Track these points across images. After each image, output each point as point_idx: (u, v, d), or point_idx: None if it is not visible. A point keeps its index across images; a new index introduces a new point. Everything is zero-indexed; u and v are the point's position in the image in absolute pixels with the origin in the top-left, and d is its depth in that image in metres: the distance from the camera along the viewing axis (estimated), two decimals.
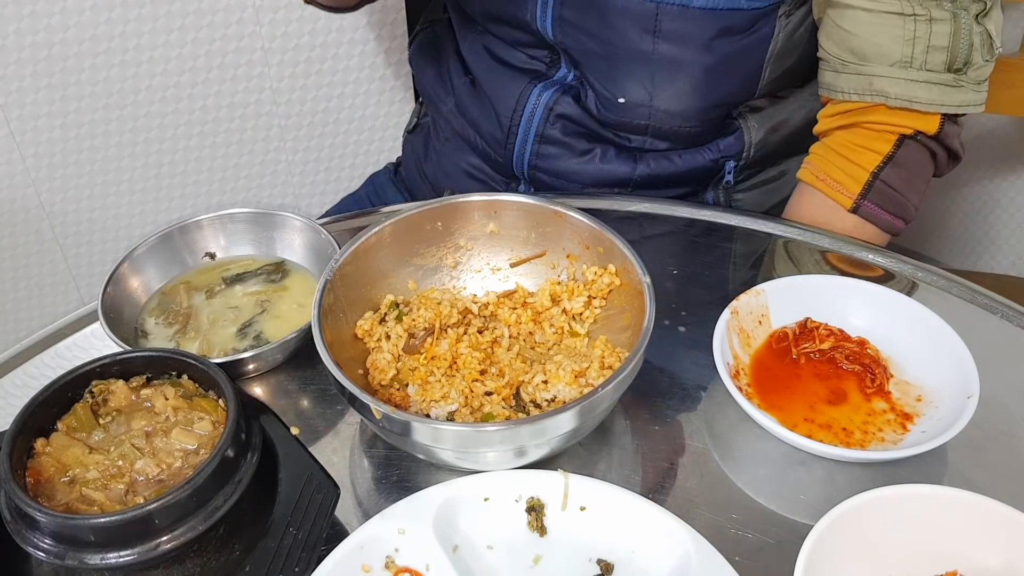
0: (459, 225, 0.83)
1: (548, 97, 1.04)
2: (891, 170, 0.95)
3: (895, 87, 0.92)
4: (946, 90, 0.91)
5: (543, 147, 1.06)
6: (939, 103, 0.92)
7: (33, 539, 0.61)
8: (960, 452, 0.73)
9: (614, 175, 1.05)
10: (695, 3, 0.92)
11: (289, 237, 0.91)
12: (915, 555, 0.63)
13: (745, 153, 1.05)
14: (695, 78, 0.97)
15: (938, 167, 0.98)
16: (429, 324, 0.79)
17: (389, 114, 1.56)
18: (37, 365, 0.84)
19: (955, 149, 0.97)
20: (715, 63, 0.96)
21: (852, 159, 0.96)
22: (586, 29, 0.97)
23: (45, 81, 1.32)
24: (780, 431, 0.71)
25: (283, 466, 0.68)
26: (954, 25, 0.89)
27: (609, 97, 1.00)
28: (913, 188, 0.96)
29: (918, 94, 0.91)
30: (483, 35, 1.09)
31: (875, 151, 0.95)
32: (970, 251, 1.73)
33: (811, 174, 0.99)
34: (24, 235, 1.45)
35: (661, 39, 0.94)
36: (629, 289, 0.77)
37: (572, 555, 0.66)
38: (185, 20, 1.35)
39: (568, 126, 1.05)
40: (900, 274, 0.91)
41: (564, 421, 0.65)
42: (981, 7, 0.90)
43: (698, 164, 1.05)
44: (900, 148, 0.94)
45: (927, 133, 0.94)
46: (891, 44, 0.91)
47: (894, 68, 0.91)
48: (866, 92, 0.93)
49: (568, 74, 1.04)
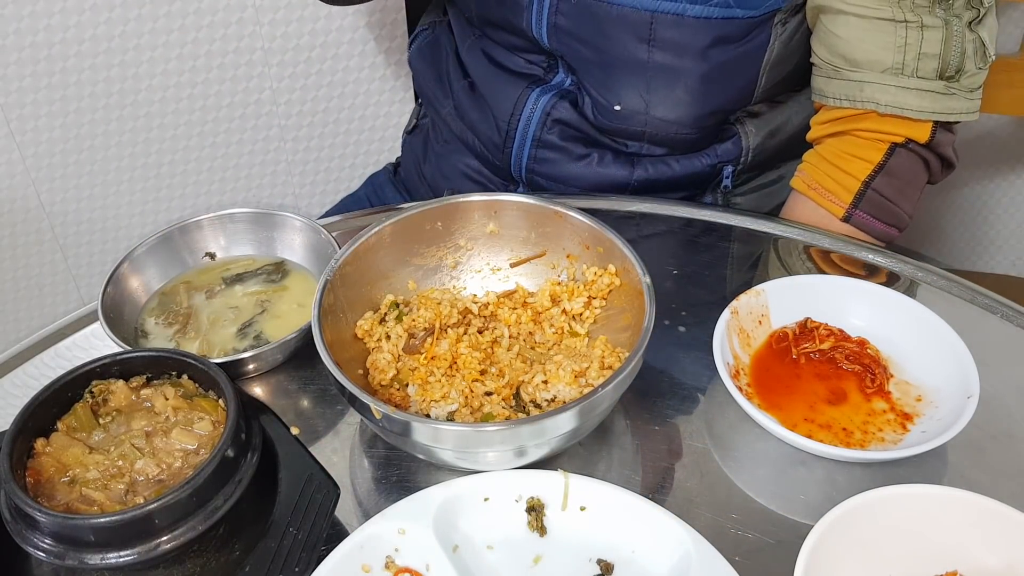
0: (459, 225, 0.83)
1: (545, 102, 1.04)
2: (883, 179, 0.94)
3: (885, 94, 0.91)
4: (937, 97, 0.91)
5: (540, 151, 1.06)
6: (930, 111, 0.91)
7: (33, 539, 0.61)
8: (960, 452, 0.73)
9: (612, 179, 1.05)
10: (690, 12, 0.91)
11: (289, 237, 0.91)
12: (915, 555, 0.63)
13: (743, 158, 1.05)
14: (691, 86, 0.97)
15: (931, 175, 0.98)
16: (429, 324, 0.79)
17: (389, 114, 1.56)
18: (37, 365, 0.84)
19: (948, 157, 0.96)
20: (711, 71, 0.96)
21: (843, 168, 0.95)
22: (581, 37, 0.97)
23: (45, 81, 1.32)
24: (780, 431, 0.71)
25: (283, 466, 0.68)
26: (946, 32, 0.89)
27: (605, 104, 1.00)
28: (906, 196, 0.96)
29: (909, 101, 0.91)
30: (481, 39, 1.09)
31: (866, 160, 0.94)
32: (970, 251, 1.73)
33: (803, 183, 0.99)
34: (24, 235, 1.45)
35: (656, 48, 0.94)
36: (629, 289, 0.77)
37: (572, 555, 0.66)
38: (185, 20, 1.35)
39: (565, 131, 1.04)
40: (900, 274, 0.91)
41: (564, 421, 0.65)
42: (974, 14, 0.90)
43: (696, 169, 1.05)
44: (891, 157, 0.94)
45: (918, 141, 0.93)
46: (882, 51, 0.90)
47: (885, 75, 0.91)
48: (856, 99, 0.93)
49: (566, 79, 1.04)
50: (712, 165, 1.05)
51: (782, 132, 1.07)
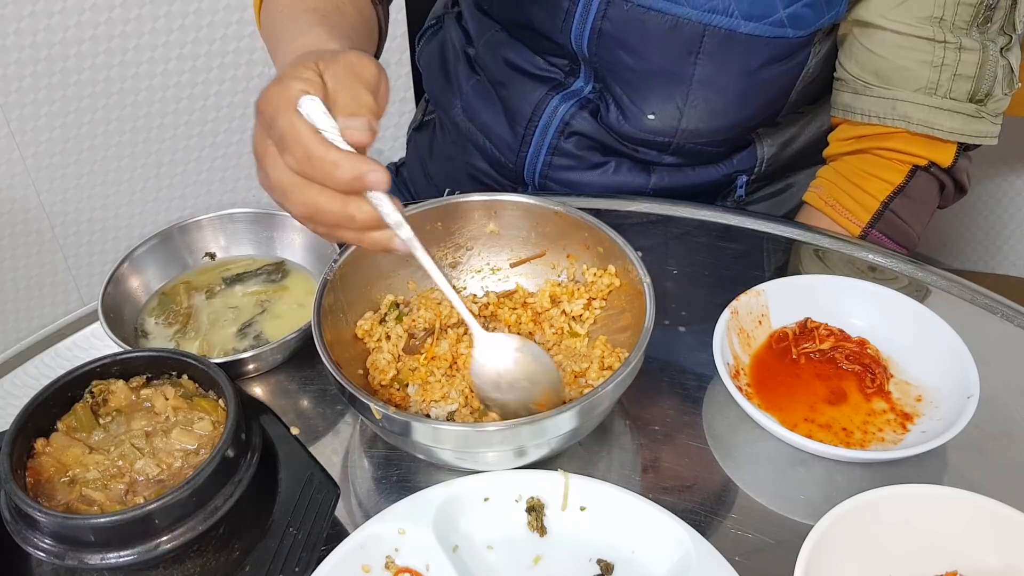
0: (459, 225, 0.83)
1: (565, 111, 1.02)
2: (901, 201, 0.95)
3: (918, 112, 0.91)
4: (967, 120, 0.91)
5: (556, 159, 1.05)
6: (959, 132, 0.92)
7: (33, 539, 0.61)
8: (960, 452, 0.73)
9: (628, 187, 1.04)
10: (742, 28, 0.90)
11: (289, 237, 0.91)
12: (915, 555, 0.63)
13: (757, 168, 1.05)
14: (728, 100, 0.96)
15: (944, 199, 0.98)
16: (429, 324, 0.79)
17: (389, 114, 1.55)
18: (37, 365, 0.84)
19: (963, 182, 0.97)
20: (752, 87, 0.95)
21: (863, 187, 0.96)
22: (626, 44, 0.95)
23: (45, 81, 1.32)
24: (780, 431, 0.71)
25: (283, 466, 0.68)
26: (982, 55, 0.89)
27: (636, 112, 0.99)
28: (919, 219, 0.97)
29: (940, 121, 0.91)
30: (500, 36, 1.06)
31: (886, 180, 0.95)
32: (970, 251, 1.73)
33: (819, 199, 0.99)
34: (24, 235, 1.45)
35: (702, 60, 0.93)
36: (629, 289, 0.77)
37: (572, 555, 0.66)
38: (185, 20, 1.35)
39: (583, 141, 1.03)
40: (901, 274, 0.91)
41: (564, 421, 0.65)
42: (1007, 40, 0.91)
43: (711, 178, 1.04)
44: (912, 179, 0.94)
45: (941, 165, 0.94)
46: (918, 69, 0.90)
47: (918, 93, 0.91)
48: (888, 116, 0.93)
49: (586, 86, 1.02)
50: (727, 174, 1.05)
51: (794, 143, 1.07)
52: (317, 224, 0.65)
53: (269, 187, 0.65)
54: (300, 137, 0.61)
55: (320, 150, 0.61)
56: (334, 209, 0.63)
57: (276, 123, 0.62)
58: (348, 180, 0.61)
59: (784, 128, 1.05)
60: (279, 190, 0.64)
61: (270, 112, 0.63)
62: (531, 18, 1.00)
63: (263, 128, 0.64)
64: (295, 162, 0.62)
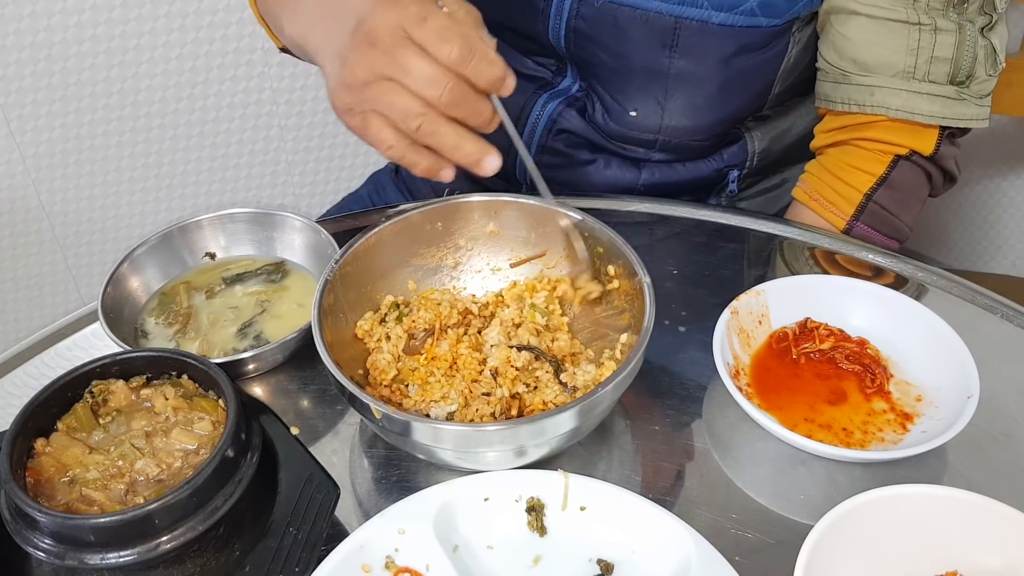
0: (459, 225, 0.83)
1: (552, 109, 1.03)
2: (884, 192, 0.94)
3: (896, 99, 0.91)
4: (948, 103, 0.91)
5: (546, 158, 1.05)
6: (940, 116, 0.91)
7: (33, 539, 0.61)
8: (960, 452, 0.73)
9: (618, 184, 1.04)
10: (715, 19, 0.90)
11: (289, 237, 0.91)
12: (915, 555, 0.63)
13: (748, 162, 1.05)
14: (709, 93, 0.96)
15: (933, 188, 0.97)
16: (429, 325, 0.79)
17: None
18: (37, 365, 0.84)
19: (951, 170, 0.96)
20: (730, 79, 0.95)
21: (845, 179, 0.95)
22: (600, 42, 0.95)
23: (45, 81, 1.32)
24: (780, 431, 0.71)
25: (283, 466, 0.68)
26: (959, 36, 0.89)
27: (619, 110, 0.99)
28: (907, 209, 0.96)
29: (920, 106, 0.90)
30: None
31: (868, 172, 0.94)
32: (971, 251, 1.73)
33: (804, 193, 0.99)
34: (24, 235, 1.45)
35: (678, 54, 0.93)
36: (629, 289, 0.77)
37: (572, 555, 0.66)
38: (185, 20, 1.35)
39: (571, 139, 1.04)
40: (901, 274, 0.91)
41: (564, 421, 0.65)
42: (987, 20, 0.90)
43: (702, 173, 1.04)
44: (894, 169, 0.94)
45: (923, 153, 0.93)
46: (894, 53, 0.90)
47: (895, 79, 0.91)
48: (867, 103, 0.92)
49: (574, 84, 1.03)
50: (718, 169, 1.05)
51: (786, 137, 1.07)
52: (432, 124, 0.69)
53: (403, 86, 0.68)
54: (462, 30, 0.67)
55: (482, 46, 0.67)
56: (471, 100, 0.68)
57: (423, 26, 0.66)
58: (500, 76, 0.68)
59: (774, 121, 1.05)
60: (425, 81, 0.67)
61: (395, 23, 0.67)
62: (511, 19, 1.01)
63: (381, 49, 0.67)
64: (456, 52, 0.66)
